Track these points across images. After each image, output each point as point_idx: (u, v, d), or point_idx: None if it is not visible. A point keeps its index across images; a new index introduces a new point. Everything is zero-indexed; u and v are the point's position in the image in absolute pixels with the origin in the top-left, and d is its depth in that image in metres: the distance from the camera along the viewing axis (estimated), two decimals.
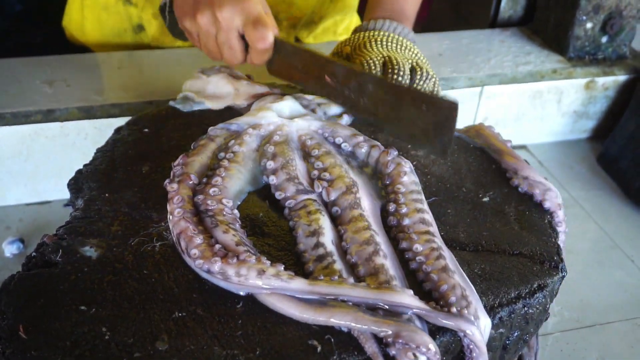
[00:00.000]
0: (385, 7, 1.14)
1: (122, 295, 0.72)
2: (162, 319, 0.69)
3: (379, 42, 1.06)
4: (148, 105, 1.18)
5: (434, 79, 1.04)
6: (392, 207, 0.83)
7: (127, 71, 1.28)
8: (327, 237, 0.78)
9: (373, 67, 1.00)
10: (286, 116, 0.94)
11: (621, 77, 1.44)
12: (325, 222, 0.80)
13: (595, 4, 1.40)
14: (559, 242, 0.88)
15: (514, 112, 1.41)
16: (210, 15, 0.93)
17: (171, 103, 1.03)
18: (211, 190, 0.81)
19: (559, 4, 1.46)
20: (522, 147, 1.46)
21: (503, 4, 1.57)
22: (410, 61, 1.04)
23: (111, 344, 0.67)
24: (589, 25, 1.43)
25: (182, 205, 0.79)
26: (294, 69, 0.96)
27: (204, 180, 0.84)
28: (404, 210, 0.82)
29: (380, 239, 0.79)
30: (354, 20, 1.56)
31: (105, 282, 0.73)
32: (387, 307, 0.70)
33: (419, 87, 1.01)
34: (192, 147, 0.89)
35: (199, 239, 0.74)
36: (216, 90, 1.04)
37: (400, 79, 0.99)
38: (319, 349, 0.68)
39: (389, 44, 1.06)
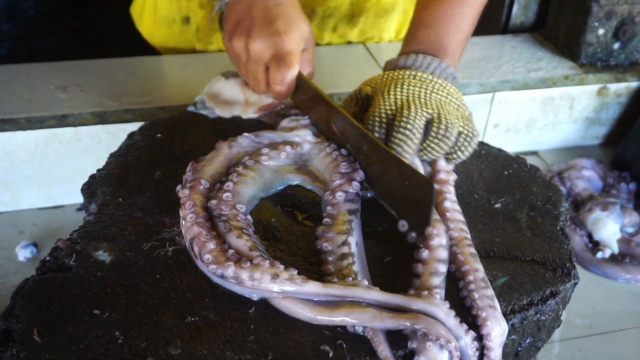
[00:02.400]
0: (421, 39, 1.01)
1: (135, 299, 0.72)
2: (174, 324, 0.70)
3: (401, 86, 0.93)
4: (161, 110, 1.19)
5: (473, 139, 0.93)
6: None
7: (140, 77, 1.28)
8: (354, 239, 0.79)
9: (377, 125, 0.90)
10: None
11: (634, 84, 1.44)
12: (356, 224, 0.81)
13: (607, 10, 1.40)
14: (570, 249, 0.87)
15: (525, 119, 1.41)
16: (244, 44, 0.95)
17: (189, 108, 1.04)
18: (224, 195, 0.81)
19: (571, 10, 1.46)
20: (534, 153, 1.46)
21: (515, 10, 1.57)
22: (430, 112, 0.91)
23: (124, 348, 0.67)
24: (601, 31, 1.42)
25: (194, 210, 0.79)
26: (311, 109, 0.97)
27: (217, 186, 0.84)
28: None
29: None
30: (406, 19, 1.53)
31: (119, 287, 0.73)
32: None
33: (455, 148, 0.92)
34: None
35: (212, 244, 0.75)
36: (229, 97, 1.05)
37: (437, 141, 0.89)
38: (330, 354, 0.68)
39: (413, 87, 0.93)
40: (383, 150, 0.85)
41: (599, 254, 1.14)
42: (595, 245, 1.16)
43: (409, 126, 0.88)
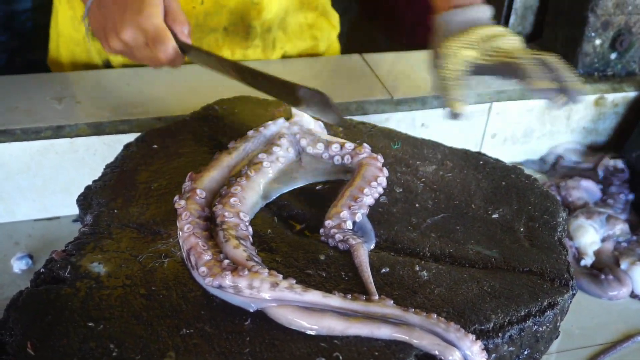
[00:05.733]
0: None
1: (130, 311, 0.72)
2: (169, 336, 0.69)
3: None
4: (157, 121, 1.18)
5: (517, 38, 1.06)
6: None
7: (135, 88, 1.28)
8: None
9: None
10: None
11: (631, 94, 1.44)
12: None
13: (604, 20, 1.40)
14: (569, 259, 0.87)
15: (522, 129, 1.41)
16: (118, 41, 0.98)
17: None
18: (232, 200, 0.82)
19: (568, 21, 1.46)
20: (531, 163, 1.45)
21: (512, 20, 1.57)
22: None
23: None
24: (598, 41, 1.43)
25: (191, 220, 0.79)
26: (204, 63, 1.03)
27: (224, 190, 0.84)
28: None
29: None
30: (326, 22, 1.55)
31: (113, 299, 0.73)
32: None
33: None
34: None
35: (207, 256, 0.74)
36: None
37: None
38: None
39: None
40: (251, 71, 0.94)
41: (582, 262, 1.14)
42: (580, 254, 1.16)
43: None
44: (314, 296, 0.71)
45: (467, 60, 1.05)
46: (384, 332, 0.70)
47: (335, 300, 0.71)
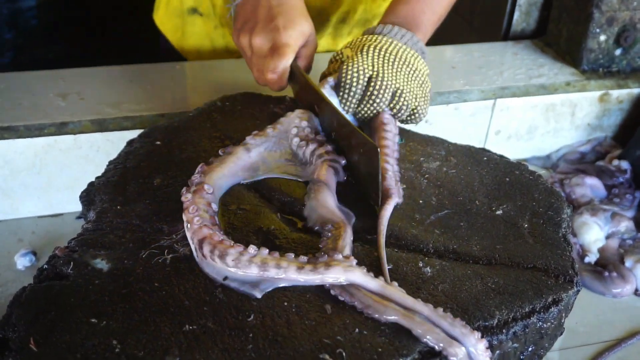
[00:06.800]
0: (398, 13, 1.11)
1: (132, 308, 0.71)
2: (172, 332, 0.69)
3: (377, 49, 1.01)
4: (160, 117, 1.18)
5: (414, 110, 1.02)
6: None
7: (139, 84, 1.28)
8: None
9: (355, 82, 0.98)
10: None
11: (635, 90, 1.43)
12: None
13: (608, 16, 1.39)
14: (573, 256, 0.87)
15: (527, 125, 1.41)
16: (248, 40, 1.04)
17: None
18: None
19: (572, 17, 1.45)
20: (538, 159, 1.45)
21: (516, 16, 1.57)
22: (396, 83, 1.00)
23: (121, 357, 0.66)
24: (602, 37, 1.42)
25: (199, 213, 0.79)
26: (303, 98, 1.04)
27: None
28: None
29: None
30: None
31: (116, 295, 0.73)
32: None
33: (394, 111, 1.00)
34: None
35: (228, 242, 0.76)
36: None
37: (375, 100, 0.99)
38: None
39: (387, 54, 1.01)
40: (345, 123, 0.92)
41: (586, 259, 1.13)
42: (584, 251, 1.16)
43: (380, 96, 0.99)
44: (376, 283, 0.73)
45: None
46: (392, 316, 0.71)
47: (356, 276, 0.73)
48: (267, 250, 0.75)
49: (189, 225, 0.78)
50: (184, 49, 1.51)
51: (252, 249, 0.74)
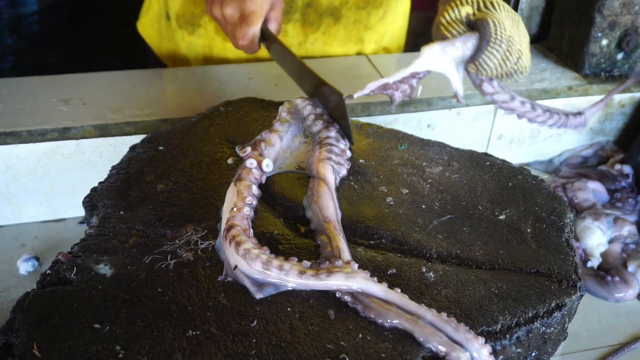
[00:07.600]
0: None
1: (135, 313, 0.71)
2: (175, 338, 0.69)
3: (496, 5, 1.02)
4: (163, 123, 1.18)
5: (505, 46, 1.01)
6: None
7: (142, 89, 1.28)
8: None
9: (502, 30, 0.99)
10: None
11: (638, 94, 1.43)
12: None
13: (610, 21, 1.40)
14: (576, 261, 0.87)
15: (529, 130, 1.41)
16: (219, 10, 1.12)
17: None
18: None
19: (574, 21, 1.45)
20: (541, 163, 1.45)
21: None
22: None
23: None
24: (604, 42, 1.42)
25: (250, 193, 0.84)
26: (278, 59, 1.11)
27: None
28: None
29: None
30: (395, 17, 1.56)
31: (119, 300, 0.73)
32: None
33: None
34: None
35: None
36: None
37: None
38: None
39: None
40: (307, 70, 1.01)
41: (588, 264, 1.13)
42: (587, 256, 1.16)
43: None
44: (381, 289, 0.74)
45: (464, 13, 1.03)
46: (395, 320, 0.71)
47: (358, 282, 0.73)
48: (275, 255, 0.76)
49: (235, 207, 0.81)
50: (162, 55, 1.55)
51: (266, 248, 0.77)
